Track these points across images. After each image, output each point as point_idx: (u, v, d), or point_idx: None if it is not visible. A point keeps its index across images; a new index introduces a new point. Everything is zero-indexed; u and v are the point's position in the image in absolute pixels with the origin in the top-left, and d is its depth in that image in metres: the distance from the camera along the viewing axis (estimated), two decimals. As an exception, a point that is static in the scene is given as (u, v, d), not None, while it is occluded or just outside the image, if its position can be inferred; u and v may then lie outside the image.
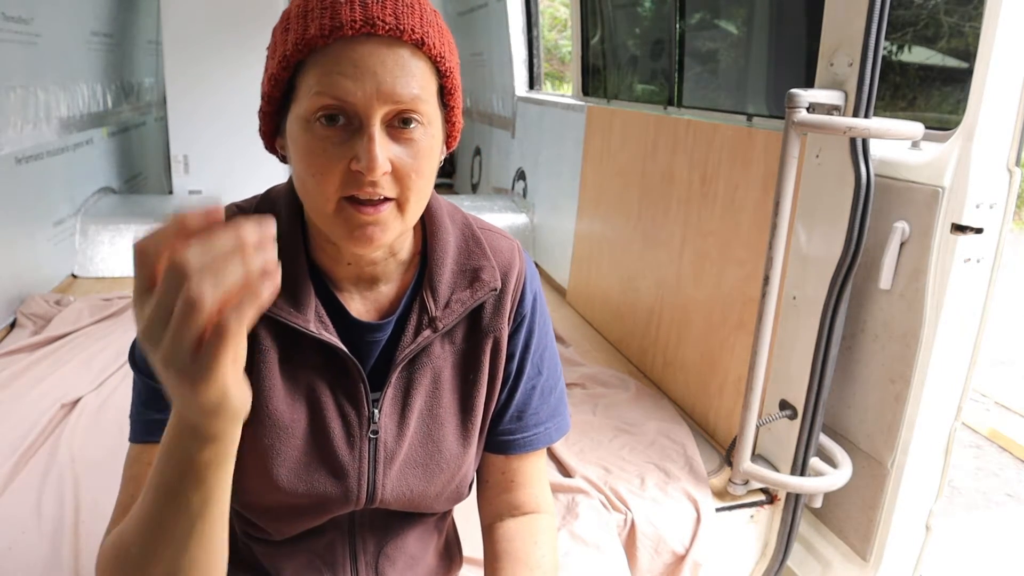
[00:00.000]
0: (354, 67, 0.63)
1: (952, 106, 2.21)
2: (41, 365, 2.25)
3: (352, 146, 0.65)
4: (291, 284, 0.74)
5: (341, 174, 0.65)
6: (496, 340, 0.83)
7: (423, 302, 0.79)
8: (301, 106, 0.66)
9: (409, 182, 0.67)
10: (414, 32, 0.64)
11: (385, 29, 0.63)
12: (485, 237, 0.84)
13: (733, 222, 2.00)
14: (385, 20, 0.63)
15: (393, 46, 0.64)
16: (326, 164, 0.65)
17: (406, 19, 0.64)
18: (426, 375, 0.81)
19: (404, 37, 0.64)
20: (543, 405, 0.89)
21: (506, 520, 0.90)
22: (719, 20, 2.70)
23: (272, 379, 0.75)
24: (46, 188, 2.97)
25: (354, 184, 0.65)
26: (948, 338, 1.47)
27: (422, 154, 0.67)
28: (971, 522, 2.66)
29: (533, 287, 0.87)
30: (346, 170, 0.65)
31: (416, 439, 0.82)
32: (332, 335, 0.75)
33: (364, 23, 0.63)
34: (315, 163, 0.66)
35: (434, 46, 0.66)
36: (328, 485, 0.79)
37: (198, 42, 3.43)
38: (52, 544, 1.47)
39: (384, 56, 0.64)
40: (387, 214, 0.67)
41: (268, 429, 0.76)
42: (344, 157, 0.65)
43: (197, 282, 0.45)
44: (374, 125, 0.64)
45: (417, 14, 0.65)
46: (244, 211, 0.78)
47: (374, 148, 0.64)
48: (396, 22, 0.64)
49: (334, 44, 0.64)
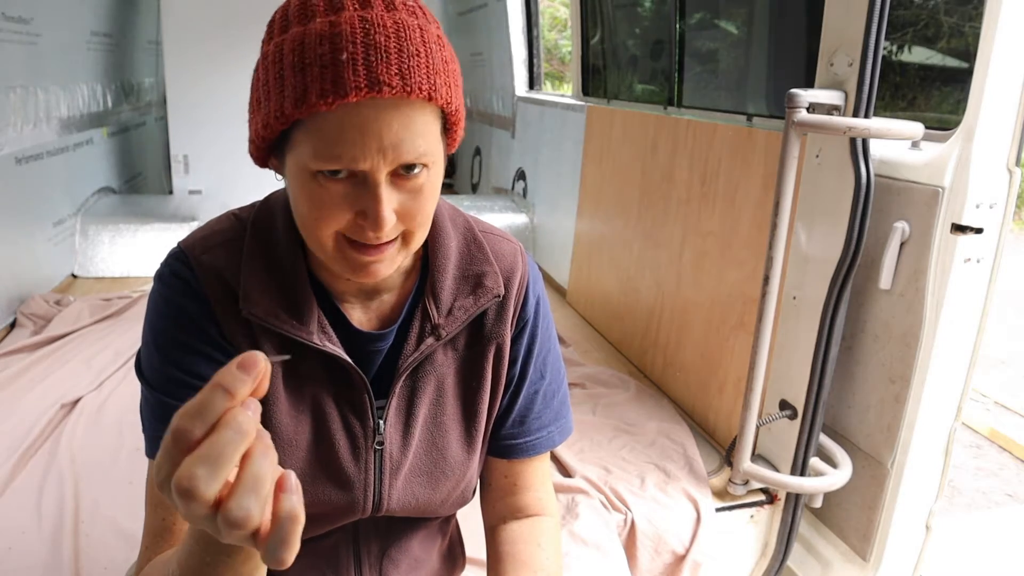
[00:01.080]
0: (359, 133, 0.60)
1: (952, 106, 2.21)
2: (41, 365, 2.25)
3: (356, 197, 0.63)
4: (292, 296, 0.73)
5: (345, 221, 0.64)
6: (499, 346, 0.82)
7: (425, 310, 0.78)
8: (300, 158, 0.63)
9: (415, 222, 0.66)
10: (421, 89, 0.60)
11: (392, 92, 0.59)
12: (487, 241, 0.82)
13: (733, 222, 2.00)
14: (391, 83, 0.58)
15: (399, 106, 0.60)
16: (329, 212, 0.64)
17: (413, 76, 0.60)
18: (430, 383, 0.80)
19: (412, 96, 0.60)
20: (546, 409, 0.88)
21: (509, 523, 0.89)
22: (719, 20, 2.70)
23: (276, 393, 0.75)
24: (46, 188, 2.97)
25: (358, 233, 0.64)
26: (948, 338, 1.47)
27: (426, 195, 0.66)
28: (971, 522, 2.66)
29: (536, 291, 0.85)
30: (351, 219, 0.64)
31: (421, 448, 0.81)
32: (336, 346, 0.74)
33: (369, 88, 0.58)
34: (316, 211, 0.64)
35: (442, 96, 0.62)
36: (334, 497, 0.78)
37: (198, 42, 3.43)
38: (52, 545, 1.46)
39: (390, 118, 0.60)
40: (392, 252, 0.67)
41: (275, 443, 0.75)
42: (348, 207, 0.63)
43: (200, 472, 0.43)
44: (380, 184, 0.62)
45: (424, 66, 0.60)
46: (242, 221, 0.76)
47: (381, 210, 0.62)
48: (403, 82, 0.59)
49: (336, 108, 0.59)
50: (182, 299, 0.72)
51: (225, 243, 0.74)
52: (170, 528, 0.70)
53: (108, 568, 1.42)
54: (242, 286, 0.72)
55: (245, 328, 0.72)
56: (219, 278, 0.72)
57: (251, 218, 0.76)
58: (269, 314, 0.71)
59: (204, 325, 0.71)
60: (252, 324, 0.72)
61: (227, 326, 0.72)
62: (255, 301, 0.71)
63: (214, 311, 0.72)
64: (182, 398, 0.69)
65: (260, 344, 0.73)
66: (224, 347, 0.72)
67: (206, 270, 0.72)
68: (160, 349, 0.72)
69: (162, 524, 0.71)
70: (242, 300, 0.71)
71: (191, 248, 0.74)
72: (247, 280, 0.72)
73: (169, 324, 0.72)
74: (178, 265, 0.73)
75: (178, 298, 0.72)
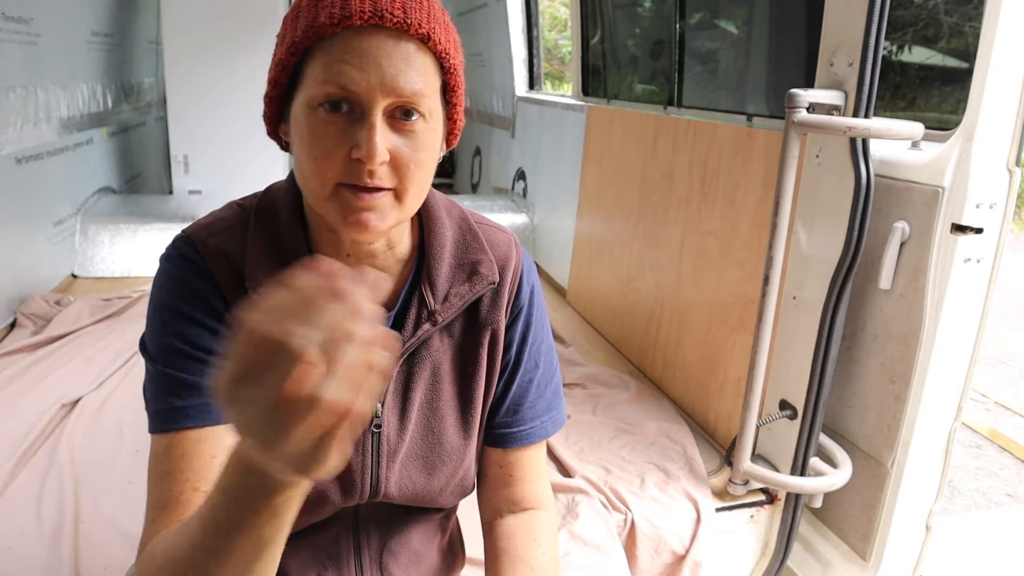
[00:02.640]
0: (360, 57, 0.64)
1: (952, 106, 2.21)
2: (41, 365, 2.25)
3: (353, 134, 0.66)
4: None
5: (341, 161, 0.66)
6: (494, 332, 0.84)
7: (422, 296, 0.79)
8: (306, 92, 0.67)
9: (408, 172, 0.68)
10: (420, 26, 0.66)
11: (393, 22, 0.64)
12: (482, 231, 0.85)
13: (733, 222, 2.00)
14: (393, 13, 0.64)
15: (400, 39, 0.66)
16: (327, 149, 0.66)
17: (414, 13, 0.66)
18: (425, 368, 0.82)
19: (411, 31, 0.65)
20: (540, 399, 0.90)
21: (506, 517, 0.90)
22: (719, 20, 2.70)
23: None
24: (46, 188, 2.97)
25: (353, 173, 0.66)
26: (948, 338, 1.47)
27: (422, 146, 0.68)
28: (971, 522, 2.66)
29: (530, 280, 0.87)
30: (346, 157, 0.66)
31: (417, 432, 0.83)
32: None
33: (372, 14, 0.64)
34: (316, 147, 0.66)
35: (439, 42, 0.68)
36: (332, 479, 0.79)
37: (198, 42, 3.43)
38: (52, 545, 1.46)
39: (390, 48, 0.65)
40: (383, 201, 0.68)
41: None
42: (345, 144, 0.66)
43: (333, 385, 0.41)
44: (376, 115, 0.65)
45: (425, 10, 0.67)
46: (245, 209, 0.78)
47: (374, 137, 0.65)
48: (404, 16, 0.65)
49: (342, 33, 0.65)
50: (189, 276, 0.73)
51: (229, 228, 0.76)
52: (178, 499, 0.70)
53: (108, 568, 1.42)
54: (247, 266, 0.74)
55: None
56: (226, 259, 0.74)
57: (254, 205, 0.78)
58: None
59: (211, 301, 0.73)
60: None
61: (234, 302, 0.73)
62: (260, 279, 0.73)
63: (222, 288, 0.73)
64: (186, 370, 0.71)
65: None
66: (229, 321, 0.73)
67: (212, 252, 0.74)
68: (165, 322, 0.73)
69: (169, 495, 0.70)
70: (248, 277, 0.73)
71: (196, 233, 0.76)
72: (252, 261, 0.74)
73: (175, 299, 0.73)
74: (184, 247, 0.75)
75: (185, 275, 0.74)
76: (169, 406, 0.72)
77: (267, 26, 3.44)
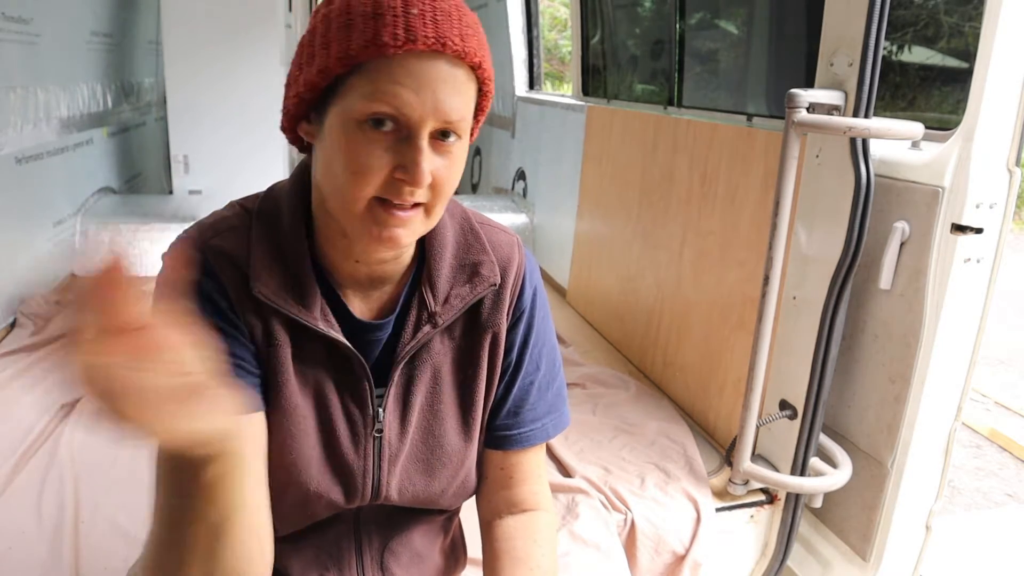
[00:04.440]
0: (417, 81, 0.64)
1: (952, 106, 2.21)
2: (41, 365, 2.25)
3: (398, 153, 0.66)
4: (297, 282, 0.74)
5: (382, 178, 0.66)
6: (495, 335, 0.83)
7: (422, 298, 0.79)
8: (349, 105, 0.66)
9: (443, 190, 0.69)
10: (475, 55, 0.67)
11: (453, 50, 0.65)
12: (484, 231, 0.84)
13: (733, 222, 2.00)
14: (454, 41, 0.65)
15: (456, 66, 0.66)
16: (369, 165, 0.66)
17: (471, 42, 0.66)
18: (426, 371, 0.81)
19: (467, 59, 0.66)
20: (540, 401, 0.89)
21: (505, 518, 0.90)
22: (719, 20, 2.70)
23: (287, 373, 0.76)
24: (46, 188, 2.97)
25: (393, 190, 0.67)
26: (948, 338, 1.47)
27: (457, 165, 0.70)
28: (971, 522, 2.66)
29: (533, 281, 0.87)
30: (388, 175, 0.66)
31: (418, 435, 0.82)
32: (338, 332, 0.76)
33: (436, 40, 0.64)
34: (357, 163, 0.66)
35: (487, 69, 0.69)
36: (334, 482, 0.79)
37: (198, 42, 3.43)
38: (52, 545, 1.46)
39: (447, 75, 0.65)
40: (416, 217, 0.69)
41: (283, 422, 0.76)
42: (388, 163, 0.66)
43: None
44: (423, 138, 0.66)
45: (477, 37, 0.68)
46: (247, 209, 0.78)
47: (423, 161, 0.65)
48: (463, 44, 0.66)
49: (404, 55, 0.64)
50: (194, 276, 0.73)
51: (232, 229, 0.76)
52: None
53: (108, 568, 1.42)
54: (252, 266, 0.73)
55: (255, 305, 0.74)
56: (229, 259, 0.74)
57: (256, 207, 0.78)
58: (278, 296, 0.73)
59: (215, 298, 0.73)
60: (261, 303, 0.74)
61: (239, 303, 0.74)
62: (264, 281, 0.73)
63: (225, 287, 0.73)
64: None
65: (270, 323, 0.75)
66: (234, 321, 0.74)
67: (216, 252, 0.74)
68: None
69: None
70: (252, 280, 0.73)
71: (200, 233, 0.76)
72: (256, 262, 0.74)
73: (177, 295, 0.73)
74: (188, 247, 0.75)
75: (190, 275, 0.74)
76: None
77: (267, 26, 3.44)
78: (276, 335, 0.75)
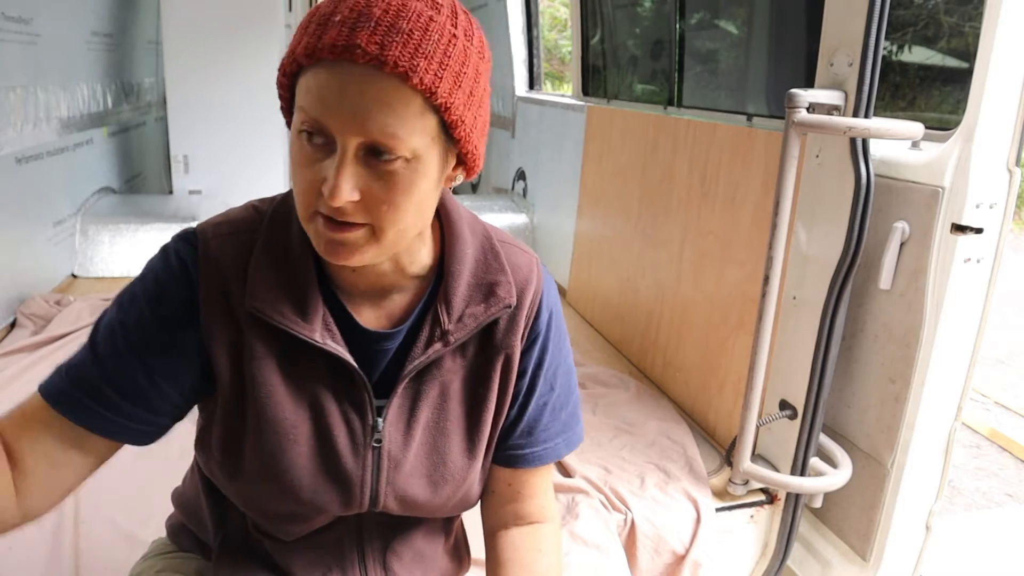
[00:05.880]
0: (337, 93, 0.61)
1: (952, 106, 2.21)
2: (41, 365, 2.25)
3: (326, 167, 0.63)
4: (299, 292, 0.73)
5: (316, 190, 0.65)
6: (508, 357, 0.81)
7: (436, 314, 0.77)
8: (295, 114, 0.65)
9: (380, 212, 0.65)
10: (399, 64, 0.60)
11: (366, 58, 0.59)
12: (504, 251, 0.82)
13: (733, 222, 2.00)
14: (367, 49, 0.59)
15: (374, 77, 0.60)
16: (304, 177, 0.65)
17: (393, 49, 0.60)
18: (434, 387, 0.80)
19: (386, 69, 0.60)
20: (554, 421, 0.87)
21: (511, 529, 0.89)
22: (719, 20, 2.70)
23: (271, 386, 0.75)
24: (46, 188, 2.97)
25: (325, 204, 0.64)
26: (948, 338, 1.47)
27: (398, 188, 0.64)
28: (971, 522, 2.66)
29: (549, 303, 0.85)
30: (320, 188, 0.64)
31: (421, 451, 0.81)
32: (338, 344, 0.75)
33: (344, 49, 0.60)
34: (296, 174, 0.66)
35: (423, 81, 0.61)
36: (331, 491, 0.79)
37: (198, 42, 3.43)
38: (52, 544, 1.46)
39: (363, 86, 0.61)
40: (356, 236, 0.66)
41: (270, 436, 0.76)
42: (318, 175, 0.64)
43: None
44: (347, 152, 0.62)
45: (413, 44, 0.61)
46: (261, 212, 0.77)
47: (338, 177, 0.62)
48: (380, 51, 0.59)
49: (324, 63, 0.61)
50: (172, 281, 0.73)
51: (237, 234, 0.75)
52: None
53: (108, 568, 1.42)
54: (249, 278, 0.73)
55: (231, 323, 0.73)
56: (219, 269, 0.73)
57: (270, 210, 0.77)
58: (273, 311, 0.72)
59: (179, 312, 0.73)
60: (241, 321, 0.73)
61: (210, 319, 0.73)
62: (260, 296, 0.72)
63: (199, 301, 0.73)
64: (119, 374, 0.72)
65: (249, 340, 0.74)
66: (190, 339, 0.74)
67: (209, 259, 0.73)
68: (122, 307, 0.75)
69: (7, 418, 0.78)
70: (248, 293, 0.72)
71: (204, 232, 0.75)
72: (255, 274, 0.73)
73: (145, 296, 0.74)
74: (184, 246, 0.74)
75: (169, 279, 0.73)
76: (79, 399, 0.75)
77: (267, 26, 3.44)
78: (255, 349, 0.74)
